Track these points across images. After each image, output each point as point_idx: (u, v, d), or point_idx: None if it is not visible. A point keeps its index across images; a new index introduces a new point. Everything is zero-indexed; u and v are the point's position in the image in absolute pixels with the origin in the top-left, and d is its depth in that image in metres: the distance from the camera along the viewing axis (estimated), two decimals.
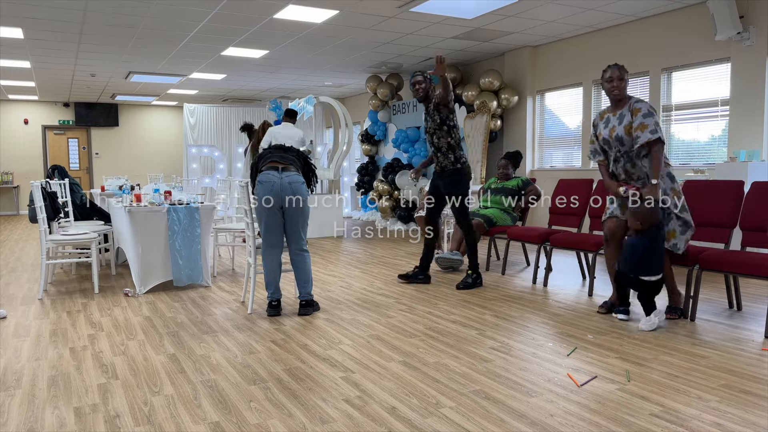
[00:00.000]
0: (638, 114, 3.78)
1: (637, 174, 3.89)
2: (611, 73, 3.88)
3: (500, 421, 2.37)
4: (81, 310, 4.35)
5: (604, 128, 3.97)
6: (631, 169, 3.89)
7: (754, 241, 3.92)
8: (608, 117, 3.97)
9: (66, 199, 6.26)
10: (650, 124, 3.73)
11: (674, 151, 6.82)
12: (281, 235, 4.08)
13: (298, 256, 4.09)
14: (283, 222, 4.04)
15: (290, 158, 4.08)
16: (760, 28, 5.77)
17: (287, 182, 3.93)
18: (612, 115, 3.94)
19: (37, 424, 2.41)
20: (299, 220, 4.02)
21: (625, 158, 3.89)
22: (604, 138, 3.96)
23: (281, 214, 4.00)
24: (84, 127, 14.94)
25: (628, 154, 3.86)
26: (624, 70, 3.86)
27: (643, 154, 3.83)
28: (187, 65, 9.76)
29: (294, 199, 3.95)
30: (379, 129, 10.89)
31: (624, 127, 3.83)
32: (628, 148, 3.84)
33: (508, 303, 4.44)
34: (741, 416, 2.39)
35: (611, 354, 3.20)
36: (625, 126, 3.82)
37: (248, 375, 2.94)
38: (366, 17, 6.86)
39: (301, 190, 3.98)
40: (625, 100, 3.91)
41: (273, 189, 3.92)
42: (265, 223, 4.01)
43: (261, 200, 3.95)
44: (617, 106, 3.93)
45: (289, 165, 4.02)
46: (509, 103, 8.58)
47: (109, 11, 6.51)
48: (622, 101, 3.92)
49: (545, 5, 6.41)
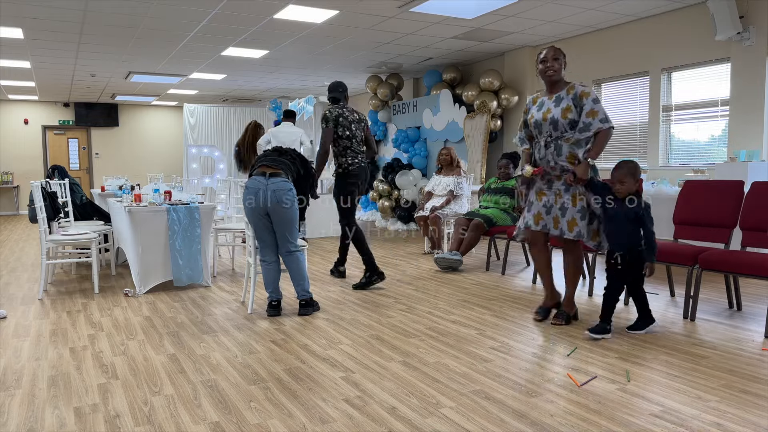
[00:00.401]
0: (588, 98, 3.55)
1: (561, 164, 3.63)
2: (546, 54, 3.66)
3: (500, 421, 2.37)
4: (81, 310, 4.35)
5: (537, 111, 3.72)
6: (557, 157, 3.63)
7: (754, 241, 3.92)
8: (543, 100, 3.73)
9: (66, 199, 6.26)
10: (600, 111, 3.53)
11: (674, 151, 6.82)
12: (272, 236, 4.08)
13: (288, 257, 4.09)
14: (272, 225, 4.05)
15: (284, 162, 4.07)
16: (760, 28, 5.77)
17: (272, 189, 3.91)
18: (547, 98, 3.71)
19: (37, 424, 2.41)
20: (285, 225, 4.01)
21: (555, 144, 3.63)
22: (536, 121, 3.69)
23: (268, 219, 4.01)
24: (84, 127, 14.94)
25: (559, 140, 3.61)
26: (560, 51, 3.68)
27: (582, 141, 3.60)
28: (187, 65, 9.75)
29: (278, 206, 3.93)
30: (379, 129, 10.89)
31: (561, 110, 3.58)
32: (560, 133, 3.60)
33: (508, 303, 4.44)
34: (741, 416, 2.39)
35: (611, 354, 3.20)
36: (563, 109, 3.58)
37: (248, 375, 2.94)
38: (366, 17, 6.86)
39: (285, 197, 3.93)
40: (562, 83, 3.69)
41: (257, 195, 3.93)
42: (253, 227, 4.04)
43: (245, 205, 4.00)
44: (552, 88, 3.71)
45: (278, 170, 3.99)
46: (509, 103, 8.58)
47: (109, 11, 6.51)
48: (558, 84, 3.69)
49: (545, 5, 6.40)
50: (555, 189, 3.68)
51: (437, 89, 9.51)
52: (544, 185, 3.74)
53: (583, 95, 3.57)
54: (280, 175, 3.97)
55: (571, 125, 3.58)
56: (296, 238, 4.10)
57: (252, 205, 3.95)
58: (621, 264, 3.51)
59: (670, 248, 4.08)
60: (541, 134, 3.70)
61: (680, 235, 4.40)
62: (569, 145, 3.60)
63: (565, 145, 3.61)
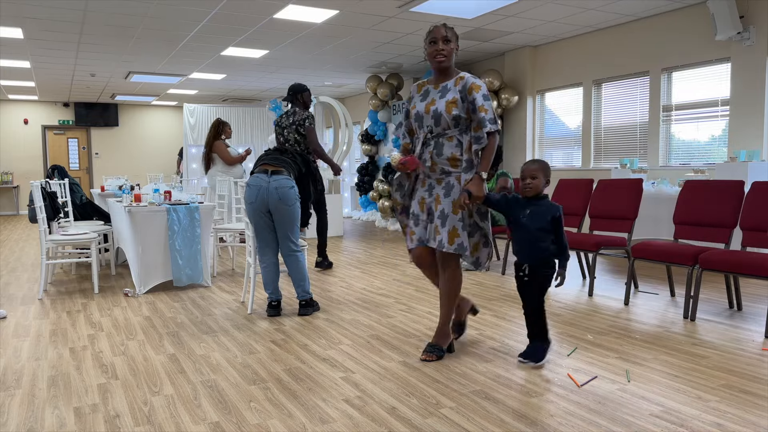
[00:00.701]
0: (478, 92, 3.01)
1: (441, 166, 3.09)
2: (435, 33, 3.04)
3: (500, 421, 2.37)
4: (81, 310, 4.35)
5: (421, 101, 3.15)
6: (436, 158, 3.08)
7: (755, 241, 3.92)
8: (428, 89, 3.17)
9: (66, 199, 6.26)
10: (490, 110, 3.02)
11: (674, 151, 6.82)
12: (272, 235, 4.07)
13: (289, 257, 4.08)
14: (273, 224, 4.04)
15: (285, 161, 4.07)
16: (760, 28, 5.77)
17: (274, 187, 3.90)
18: (433, 87, 3.14)
19: (37, 424, 2.40)
20: (287, 223, 4.00)
21: (436, 142, 3.09)
22: (417, 113, 3.13)
23: (269, 218, 4.00)
24: (84, 127, 14.94)
25: (440, 137, 3.07)
26: (453, 32, 3.08)
27: (467, 140, 3.08)
28: (187, 65, 9.75)
29: (280, 203, 3.93)
30: (379, 129, 10.89)
31: (446, 102, 3.04)
32: (443, 129, 3.06)
33: (508, 303, 4.44)
34: (741, 416, 2.39)
35: (611, 354, 3.20)
36: (448, 102, 3.03)
37: (248, 375, 2.94)
38: (366, 17, 6.86)
39: (287, 194, 3.92)
40: (452, 71, 3.13)
41: (259, 193, 3.91)
42: (254, 225, 4.02)
43: (246, 203, 3.98)
44: (440, 77, 3.13)
45: (280, 168, 3.99)
46: (509, 103, 8.58)
47: (109, 11, 6.51)
48: (447, 72, 3.12)
49: (545, 5, 6.40)
50: (435, 194, 3.12)
51: None
52: (425, 191, 3.16)
53: (473, 88, 3.03)
54: (282, 172, 3.97)
55: (455, 122, 3.04)
56: (297, 238, 4.10)
57: (253, 202, 3.94)
58: (529, 275, 3.03)
59: (671, 248, 4.09)
60: (421, 129, 3.14)
61: (680, 235, 4.40)
62: (452, 145, 3.06)
63: (447, 143, 3.06)
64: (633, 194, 4.78)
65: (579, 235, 4.83)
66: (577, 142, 8.06)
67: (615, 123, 7.49)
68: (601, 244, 4.60)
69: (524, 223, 3.00)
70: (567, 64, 8.01)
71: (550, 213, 2.97)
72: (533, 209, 3.00)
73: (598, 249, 4.58)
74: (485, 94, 3.04)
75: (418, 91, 3.23)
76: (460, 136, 3.07)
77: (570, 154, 8.22)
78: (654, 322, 3.83)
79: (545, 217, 2.97)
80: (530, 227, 2.98)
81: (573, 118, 8.12)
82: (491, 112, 3.03)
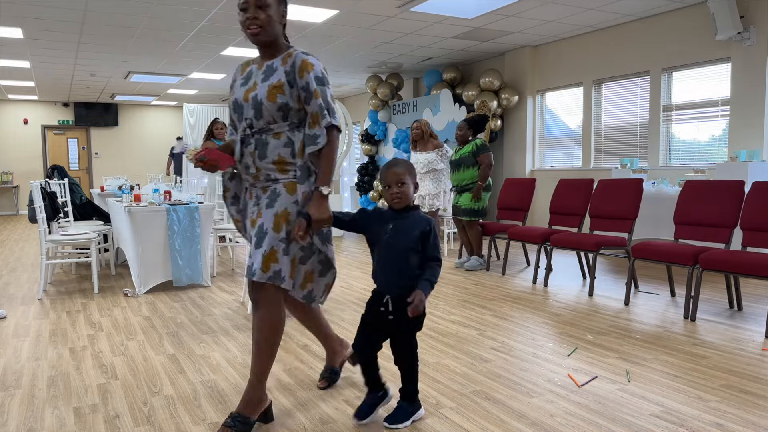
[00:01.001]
0: (310, 72, 2.29)
1: (266, 172, 2.33)
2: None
3: (500, 421, 2.37)
4: (81, 310, 4.35)
5: (241, 86, 2.41)
6: (260, 161, 2.32)
7: (755, 241, 3.91)
8: (252, 69, 2.43)
9: (65, 199, 6.26)
10: (327, 96, 2.32)
11: (675, 151, 6.82)
12: None
13: None
14: None
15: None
16: (761, 28, 5.77)
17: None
18: (257, 68, 2.41)
19: (36, 424, 2.40)
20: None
21: (257, 141, 2.33)
22: (236, 101, 2.40)
23: None
24: (84, 127, 14.95)
25: (264, 134, 2.32)
26: None
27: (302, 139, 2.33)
28: (187, 65, 9.75)
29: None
30: (379, 129, 10.89)
31: (269, 87, 2.30)
32: (266, 123, 2.31)
33: (508, 303, 4.44)
34: (741, 416, 2.39)
35: (611, 354, 3.20)
36: (271, 86, 2.29)
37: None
38: (366, 17, 6.86)
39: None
40: (279, 46, 2.39)
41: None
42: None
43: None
44: (265, 53, 2.40)
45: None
46: (509, 102, 8.58)
47: (109, 11, 6.51)
48: (272, 47, 2.39)
49: (545, 5, 6.40)
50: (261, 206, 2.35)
51: (437, 89, 9.51)
52: (254, 206, 2.40)
53: (305, 67, 2.30)
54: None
55: (282, 113, 2.30)
56: None
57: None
58: (393, 311, 2.29)
59: (671, 248, 4.09)
60: (240, 122, 2.39)
61: (681, 235, 4.40)
62: (279, 144, 2.32)
63: (273, 142, 2.31)
64: (633, 194, 4.77)
65: (579, 235, 4.83)
66: (577, 142, 8.06)
67: (615, 123, 7.49)
68: (602, 244, 4.60)
69: (387, 241, 2.27)
70: (567, 64, 8.01)
71: (419, 227, 2.25)
72: (397, 224, 2.27)
73: (599, 249, 4.58)
74: (319, 76, 2.31)
75: (242, 72, 2.47)
76: (290, 132, 2.32)
77: (570, 154, 8.22)
78: (654, 322, 3.83)
79: (412, 232, 2.25)
80: (395, 246, 2.26)
81: (573, 118, 8.12)
82: (329, 99, 2.32)
